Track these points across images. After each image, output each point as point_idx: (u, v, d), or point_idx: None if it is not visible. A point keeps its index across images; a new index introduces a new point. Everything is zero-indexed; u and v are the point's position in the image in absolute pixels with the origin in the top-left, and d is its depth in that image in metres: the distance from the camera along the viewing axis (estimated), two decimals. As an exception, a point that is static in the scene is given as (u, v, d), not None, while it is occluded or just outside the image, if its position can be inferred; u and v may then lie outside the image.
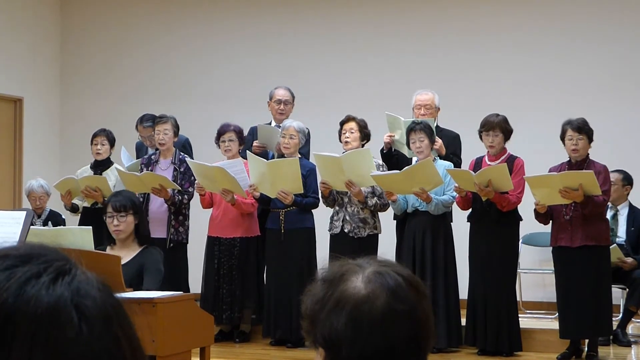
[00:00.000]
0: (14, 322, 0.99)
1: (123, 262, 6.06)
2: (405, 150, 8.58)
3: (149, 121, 9.43)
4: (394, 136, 8.75)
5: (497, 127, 8.11)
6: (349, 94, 11.01)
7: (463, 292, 8.30)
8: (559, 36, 10.67)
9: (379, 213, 8.59)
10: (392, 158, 8.76)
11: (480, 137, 8.22)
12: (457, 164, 8.53)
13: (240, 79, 11.65)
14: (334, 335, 1.74)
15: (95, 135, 9.46)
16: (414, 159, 8.41)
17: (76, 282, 1.04)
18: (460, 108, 10.20)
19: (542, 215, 7.98)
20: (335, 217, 8.58)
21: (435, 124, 8.59)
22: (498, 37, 10.87)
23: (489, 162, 8.16)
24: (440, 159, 8.44)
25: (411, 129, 8.20)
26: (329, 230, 8.59)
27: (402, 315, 1.74)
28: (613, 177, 8.83)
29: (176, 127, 9.02)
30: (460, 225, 8.42)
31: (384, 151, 8.82)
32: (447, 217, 8.39)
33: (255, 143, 9.13)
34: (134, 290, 5.78)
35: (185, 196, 8.94)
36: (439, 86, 9.51)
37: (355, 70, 11.27)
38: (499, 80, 10.74)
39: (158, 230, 8.82)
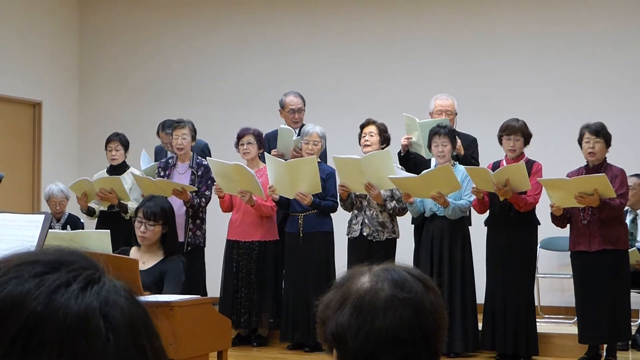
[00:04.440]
0: (43, 330, 0.99)
1: (146, 267, 6.08)
2: (423, 152, 8.57)
3: (170, 128, 9.45)
4: (411, 138, 8.74)
5: (518, 132, 8.09)
6: (366, 99, 11.00)
7: (480, 296, 8.28)
8: (576, 40, 10.63)
9: (397, 217, 8.59)
10: (410, 161, 8.75)
11: (500, 141, 8.20)
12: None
13: (258, 84, 11.66)
14: (340, 328, 1.75)
15: (109, 141, 9.49)
16: (432, 161, 8.40)
17: (105, 292, 1.04)
18: (477, 112, 10.18)
19: (558, 218, 7.95)
20: (354, 221, 8.57)
21: (452, 128, 8.57)
22: (514, 42, 10.83)
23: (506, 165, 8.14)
24: (459, 160, 8.43)
25: (435, 133, 8.18)
26: (347, 234, 8.59)
27: (405, 304, 1.74)
28: (631, 181, 8.80)
29: (194, 131, 9.05)
30: (478, 229, 8.41)
31: (402, 154, 8.81)
32: (464, 221, 8.37)
33: (273, 152, 9.10)
34: (146, 292, 5.77)
35: (203, 199, 8.96)
36: (455, 90, 9.51)
37: (371, 74, 11.26)
38: (515, 85, 10.71)
39: (175, 234, 8.85)
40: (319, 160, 8.64)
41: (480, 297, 8.28)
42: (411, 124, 8.72)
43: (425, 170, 8.26)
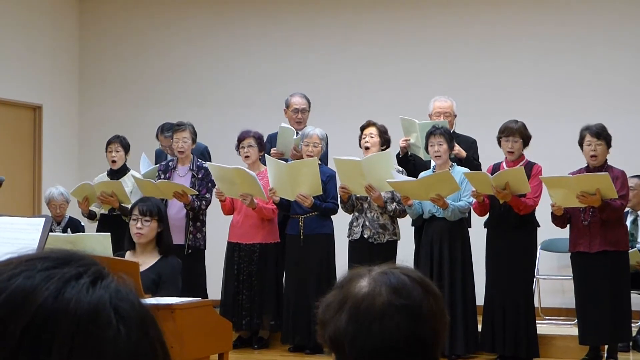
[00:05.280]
0: (54, 322, 1.00)
1: (143, 268, 6.08)
2: (421, 154, 8.57)
3: (170, 131, 9.45)
4: (409, 140, 8.74)
5: (517, 133, 8.09)
6: (366, 101, 11.01)
7: (480, 298, 8.29)
8: (576, 42, 10.63)
9: (398, 219, 8.59)
10: (409, 163, 8.76)
11: (499, 142, 8.20)
12: (478, 168, 8.51)
13: (258, 86, 11.66)
14: (338, 334, 1.75)
15: (109, 143, 9.50)
16: (432, 163, 8.40)
17: (114, 286, 1.06)
18: (477, 114, 10.18)
19: (559, 219, 7.96)
20: (354, 223, 8.58)
21: (452, 130, 8.58)
22: (514, 43, 10.84)
23: (506, 167, 8.14)
24: (461, 162, 8.43)
25: (431, 133, 8.19)
26: (348, 237, 8.59)
27: (402, 311, 1.73)
28: (633, 182, 8.81)
29: (194, 134, 9.05)
30: (478, 231, 8.41)
31: (400, 156, 8.81)
32: (464, 222, 8.38)
33: (273, 150, 9.14)
34: (147, 295, 5.78)
35: (204, 202, 8.97)
36: (455, 92, 9.51)
37: (372, 76, 11.26)
38: (515, 86, 10.72)
39: (176, 236, 8.81)
40: (320, 162, 8.64)
41: (480, 299, 8.28)
42: (409, 126, 8.73)
43: (423, 174, 8.26)
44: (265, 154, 8.79)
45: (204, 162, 9.11)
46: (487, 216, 8.32)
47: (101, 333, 1.01)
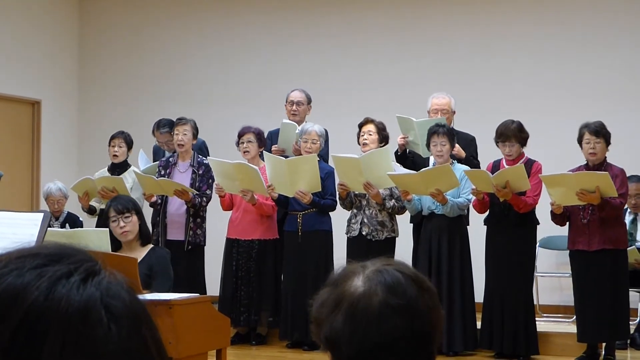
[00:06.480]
0: (45, 321, 0.99)
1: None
2: (420, 150, 8.57)
3: (166, 127, 9.44)
4: (407, 137, 8.74)
5: (512, 138, 8.08)
6: (365, 98, 11.01)
7: (479, 295, 8.29)
8: (575, 39, 10.63)
9: (397, 216, 8.59)
10: (407, 160, 8.75)
11: (497, 145, 8.20)
12: (476, 166, 8.51)
13: (258, 83, 11.66)
14: (334, 334, 1.75)
15: (112, 138, 9.49)
16: (431, 159, 8.40)
17: (105, 283, 1.05)
18: (476, 111, 10.18)
19: (558, 216, 7.96)
20: (353, 220, 8.57)
21: (451, 127, 8.57)
22: (513, 42, 10.83)
23: (506, 166, 8.14)
24: (460, 162, 8.43)
25: (434, 132, 8.18)
26: (347, 234, 8.59)
27: (399, 311, 1.73)
28: (632, 186, 8.76)
29: (195, 130, 9.04)
30: (477, 228, 8.41)
31: (398, 153, 8.80)
32: (463, 220, 8.37)
33: (274, 147, 9.13)
34: (144, 291, 5.79)
35: (204, 198, 8.96)
36: (454, 90, 9.50)
37: (371, 74, 11.26)
38: (514, 84, 10.71)
39: (176, 232, 8.86)
40: (319, 158, 8.64)
41: (479, 296, 8.28)
42: (405, 124, 8.72)
43: (424, 168, 8.26)
44: (265, 151, 8.79)
45: (204, 158, 9.10)
46: (486, 213, 8.32)
47: (92, 332, 1.00)
